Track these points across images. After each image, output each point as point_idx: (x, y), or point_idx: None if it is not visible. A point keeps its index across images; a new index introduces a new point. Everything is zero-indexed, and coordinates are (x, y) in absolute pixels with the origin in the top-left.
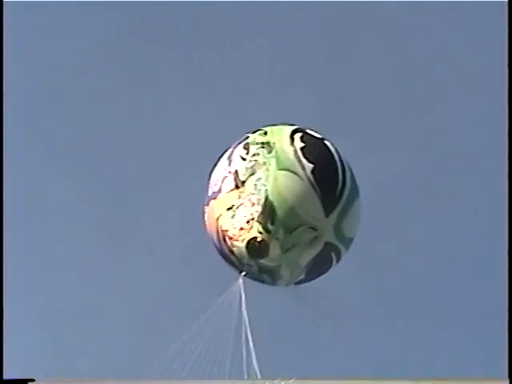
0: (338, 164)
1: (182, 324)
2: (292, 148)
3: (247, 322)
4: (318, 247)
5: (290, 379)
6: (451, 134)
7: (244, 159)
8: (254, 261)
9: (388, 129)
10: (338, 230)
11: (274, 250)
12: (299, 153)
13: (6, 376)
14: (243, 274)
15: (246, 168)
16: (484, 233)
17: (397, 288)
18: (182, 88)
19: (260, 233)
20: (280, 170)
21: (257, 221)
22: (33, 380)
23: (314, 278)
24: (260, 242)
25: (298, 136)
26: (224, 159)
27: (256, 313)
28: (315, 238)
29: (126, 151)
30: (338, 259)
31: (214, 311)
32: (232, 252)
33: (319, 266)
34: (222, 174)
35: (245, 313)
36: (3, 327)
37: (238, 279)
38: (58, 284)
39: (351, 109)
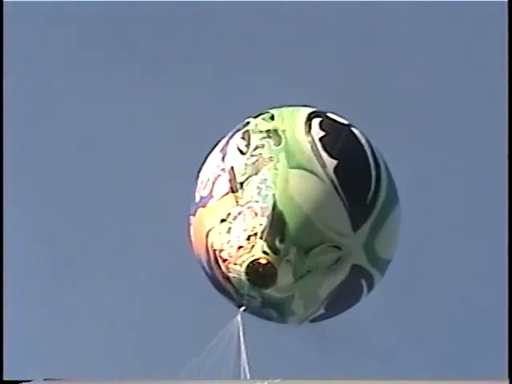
0: (371, 160)
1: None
2: (308, 138)
3: (247, 371)
4: (344, 273)
5: (276, 380)
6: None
7: (243, 153)
8: (257, 291)
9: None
10: (370, 250)
11: (284, 277)
12: (318, 144)
13: (6, 376)
14: (242, 309)
15: (246, 165)
16: (484, 232)
17: (396, 287)
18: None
19: (265, 253)
20: (292, 168)
21: (261, 237)
22: (31, 380)
23: (336, 314)
24: (265, 266)
25: (316, 122)
26: (216, 153)
27: (260, 357)
28: (339, 261)
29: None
30: (370, 288)
31: (205, 356)
32: (227, 279)
33: (344, 297)
34: (213, 173)
35: (244, 361)
36: (3, 327)
37: (235, 316)
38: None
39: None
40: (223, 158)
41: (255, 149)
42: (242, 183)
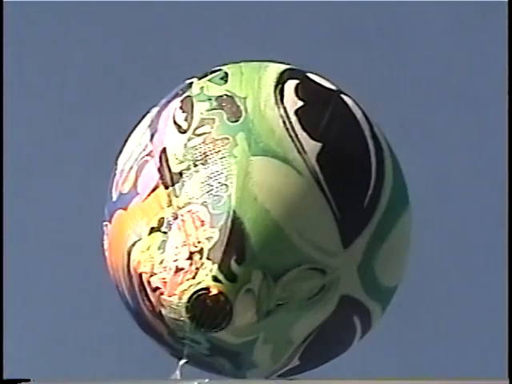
0: (370, 143)
1: None
2: (280, 110)
3: None
4: (329, 307)
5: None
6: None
7: (182, 130)
8: (204, 334)
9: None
10: (366, 274)
11: (244, 315)
12: (294, 120)
13: (6, 376)
14: (183, 361)
15: (186, 148)
16: (483, 231)
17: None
18: None
19: (216, 280)
20: (256, 155)
21: (209, 257)
22: (30, 380)
23: (316, 366)
24: (216, 299)
25: (291, 86)
26: (142, 130)
27: None
28: (323, 290)
29: None
30: (366, 328)
31: None
32: (158, 315)
33: (329, 343)
34: (137, 159)
35: None
36: (3, 327)
37: (174, 369)
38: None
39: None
40: (152, 137)
41: (201, 125)
42: (179, 174)
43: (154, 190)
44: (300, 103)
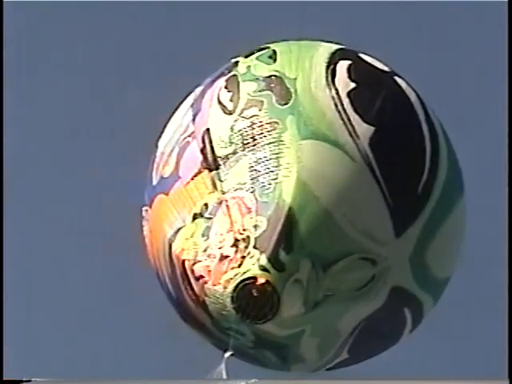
0: (425, 128)
1: None
2: (331, 92)
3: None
4: (380, 298)
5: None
6: None
7: (227, 111)
8: (249, 325)
9: None
10: (419, 264)
11: (292, 305)
12: (346, 102)
13: (6, 376)
14: (228, 354)
15: (233, 131)
16: (483, 231)
17: None
18: None
19: (263, 270)
20: (306, 138)
21: (256, 246)
22: (31, 380)
23: (364, 359)
24: (263, 289)
25: (343, 67)
26: (184, 110)
27: None
28: (374, 280)
29: None
30: (417, 320)
31: None
32: (202, 305)
33: (378, 335)
34: (178, 141)
35: None
36: (3, 327)
37: (218, 362)
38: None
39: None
40: (194, 118)
41: (248, 107)
42: (224, 158)
43: (197, 174)
44: (352, 85)
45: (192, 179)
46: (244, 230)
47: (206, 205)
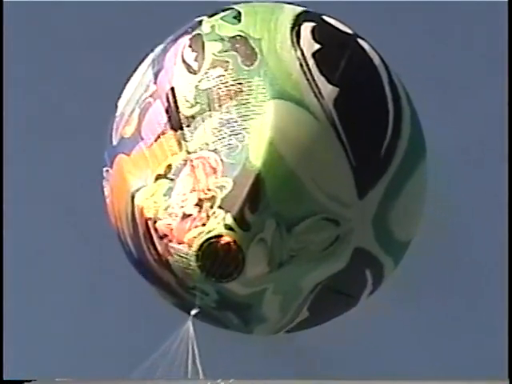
0: (388, 90)
1: None
2: (297, 53)
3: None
4: (342, 259)
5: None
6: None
7: (192, 70)
8: (213, 285)
9: None
10: (381, 226)
11: (256, 265)
12: (311, 63)
13: (6, 376)
14: (193, 313)
15: (198, 90)
16: (483, 231)
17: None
18: None
19: (229, 229)
20: (273, 98)
21: (221, 206)
22: (31, 380)
23: (324, 320)
24: (228, 248)
25: (307, 28)
26: (144, 68)
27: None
28: (337, 241)
29: None
30: (377, 282)
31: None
32: (165, 264)
33: (338, 294)
34: (140, 101)
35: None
36: (3, 327)
37: (184, 322)
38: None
39: None
40: (156, 76)
41: (213, 66)
42: (189, 118)
43: (160, 135)
44: (317, 46)
45: (155, 140)
46: (209, 189)
47: (169, 166)
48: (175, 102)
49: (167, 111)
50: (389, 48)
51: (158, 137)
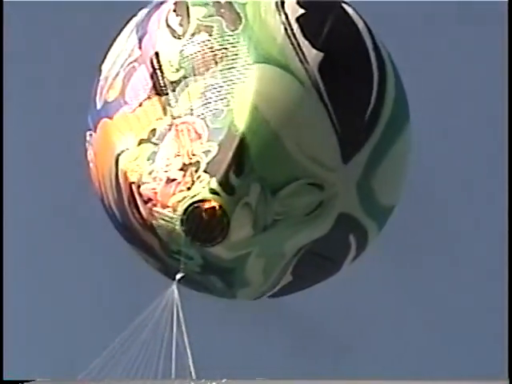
0: (372, 55)
1: None
2: (281, 17)
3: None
4: (326, 224)
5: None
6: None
7: (176, 35)
8: (198, 248)
9: None
10: (365, 191)
11: (241, 228)
12: (296, 28)
13: (6, 377)
14: (178, 277)
15: (183, 55)
16: (483, 231)
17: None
18: None
19: (214, 193)
20: (258, 62)
21: (206, 170)
22: (31, 380)
23: (307, 284)
24: (213, 212)
25: None
26: (128, 32)
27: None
28: (321, 206)
29: None
30: (361, 247)
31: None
32: (151, 228)
33: (321, 259)
34: (124, 65)
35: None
36: (3, 327)
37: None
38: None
39: None
40: (140, 41)
41: (198, 31)
42: (174, 83)
43: (144, 100)
44: (301, 11)
45: (139, 105)
46: (194, 155)
47: (153, 131)
48: (160, 66)
49: (152, 76)
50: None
51: (143, 101)
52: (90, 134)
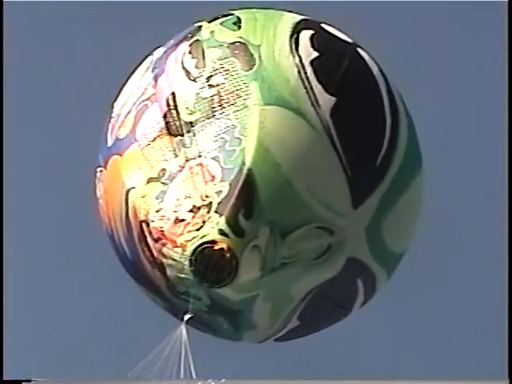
0: (386, 101)
1: None
2: (295, 59)
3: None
4: (334, 268)
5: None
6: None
7: (192, 77)
8: (206, 289)
9: None
10: (375, 237)
11: (249, 270)
12: (309, 71)
13: (6, 376)
14: (186, 318)
15: (198, 98)
16: (483, 232)
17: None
18: None
19: (223, 234)
20: (269, 104)
21: (216, 211)
22: (31, 380)
23: (315, 329)
24: (222, 254)
25: (306, 36)
26: (143, 71)
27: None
28: (330, 250)
29: None
30: (369, 293)
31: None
32: (160, 267)
33: (329, 303)
34: (136, 103)
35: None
36: (3, 327)
37: (177, 327)
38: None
39: None
40: (156, 80)
41: (214, 73)
42: (190, 124)
43: (155, 138)
44: (315, 54)
45: (149, 144)
46: (207, 196)
47: (163, 170)
48: (176, 107)
49: (166, 116)
50: (389, 55)
51: (153, 140)
52: (101, 171)
